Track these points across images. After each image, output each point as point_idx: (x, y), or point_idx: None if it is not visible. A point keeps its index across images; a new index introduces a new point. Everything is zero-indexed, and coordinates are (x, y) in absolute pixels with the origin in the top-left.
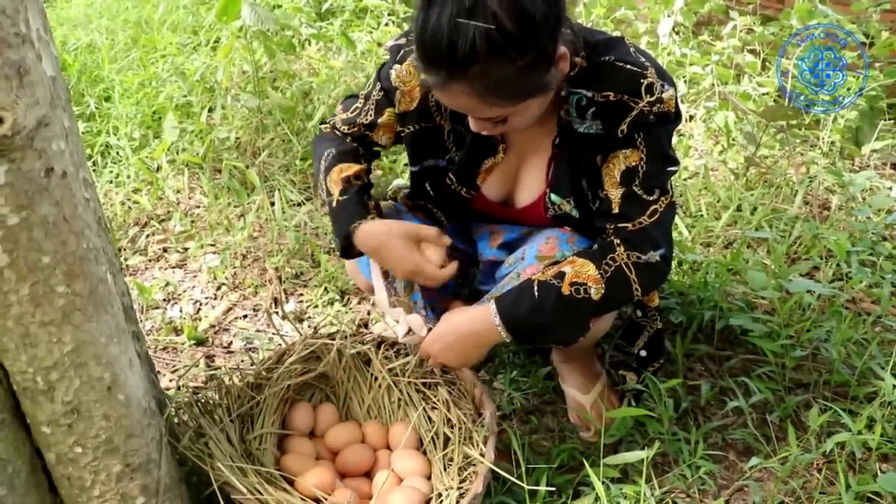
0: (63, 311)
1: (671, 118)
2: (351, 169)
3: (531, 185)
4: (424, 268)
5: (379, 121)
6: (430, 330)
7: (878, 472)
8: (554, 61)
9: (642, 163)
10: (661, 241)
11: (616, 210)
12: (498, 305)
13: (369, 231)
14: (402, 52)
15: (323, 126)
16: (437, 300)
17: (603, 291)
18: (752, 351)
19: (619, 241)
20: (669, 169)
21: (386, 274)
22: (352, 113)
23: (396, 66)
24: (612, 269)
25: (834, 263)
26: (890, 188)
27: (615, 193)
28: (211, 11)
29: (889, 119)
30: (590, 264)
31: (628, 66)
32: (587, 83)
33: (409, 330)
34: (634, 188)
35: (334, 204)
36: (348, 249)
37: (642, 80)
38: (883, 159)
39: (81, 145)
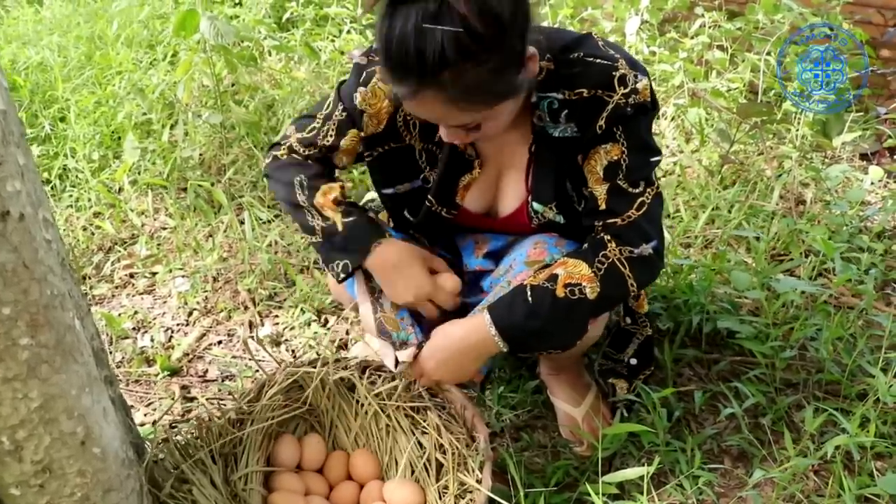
0: (28, 364)
1: (648, 108)
2: (334, 191)
3: (512, 195)
4: (439, 292)
5: (341, 143)
6: (420, 347)
7: (874, 470)
8: (523, 62)
9: (624, 156)
10: (652, 234)
11: (603, 206)
12: (492, 315)
13: (389, 250)
14: (366, 73)
15: (275, 151)
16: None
17: (598, 290)
18: (739, 353)
19: (609, 237)
20: (652, 160)
21: (372, 290)
22: (308, 133)
23: (361, 89)
24: (606, 265)
25: (817, 260)
26: (861, 180)
27: (600, 189)
28: (167, 24)
29: (858, 111)
30: (582, 263)
31: (598, 60)
32: (556, 85)
33: (398, 361)
34: (619, 182)
35: (339, 227)
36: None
37: (614, 73)
38: (853, 151)
39: (39, 182)
